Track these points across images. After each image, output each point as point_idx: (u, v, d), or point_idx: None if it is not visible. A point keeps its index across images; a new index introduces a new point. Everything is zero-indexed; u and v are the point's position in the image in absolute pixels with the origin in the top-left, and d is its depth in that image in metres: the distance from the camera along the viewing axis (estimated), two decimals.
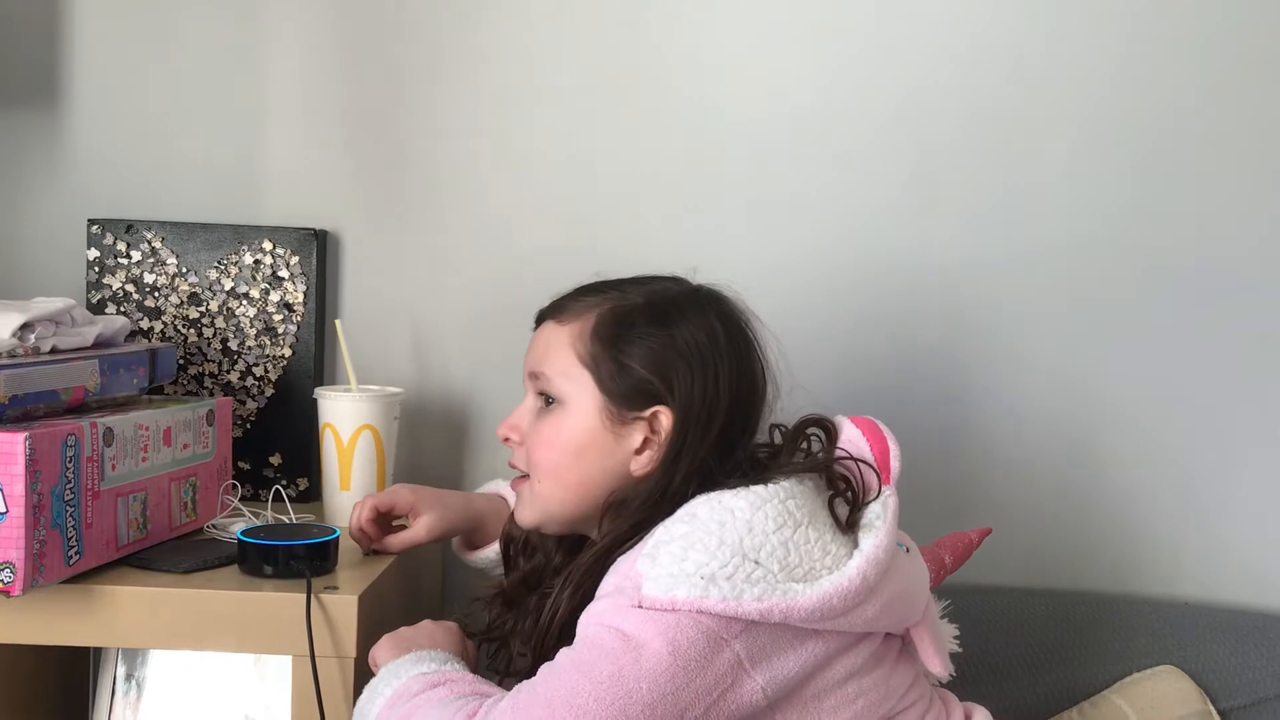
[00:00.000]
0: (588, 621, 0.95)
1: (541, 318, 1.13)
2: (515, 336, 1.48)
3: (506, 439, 1.13)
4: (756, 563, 0.92)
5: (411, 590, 1.32)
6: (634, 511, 1.03)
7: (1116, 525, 1.49)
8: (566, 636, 0.98)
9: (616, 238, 1.47)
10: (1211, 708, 1.34)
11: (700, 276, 1.14)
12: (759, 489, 0.97)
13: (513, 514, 1.16)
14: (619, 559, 0.99)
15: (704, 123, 1.47)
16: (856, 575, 0.93)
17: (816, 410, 1.10)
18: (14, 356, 1.10)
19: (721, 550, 0.92)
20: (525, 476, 1.11)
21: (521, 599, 1.14)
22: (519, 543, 1.17)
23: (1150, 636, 1.40)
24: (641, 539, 0.99)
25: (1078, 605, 1.43)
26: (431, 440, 1.51)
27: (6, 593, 1.01)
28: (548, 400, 1.09)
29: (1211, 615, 1.43)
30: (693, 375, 1.05)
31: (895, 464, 1.05)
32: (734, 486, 0.98)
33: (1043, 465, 1.49)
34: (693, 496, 1.00)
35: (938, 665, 1.04)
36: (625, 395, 1.05)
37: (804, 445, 1.08)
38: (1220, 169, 1.46)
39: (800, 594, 0.91)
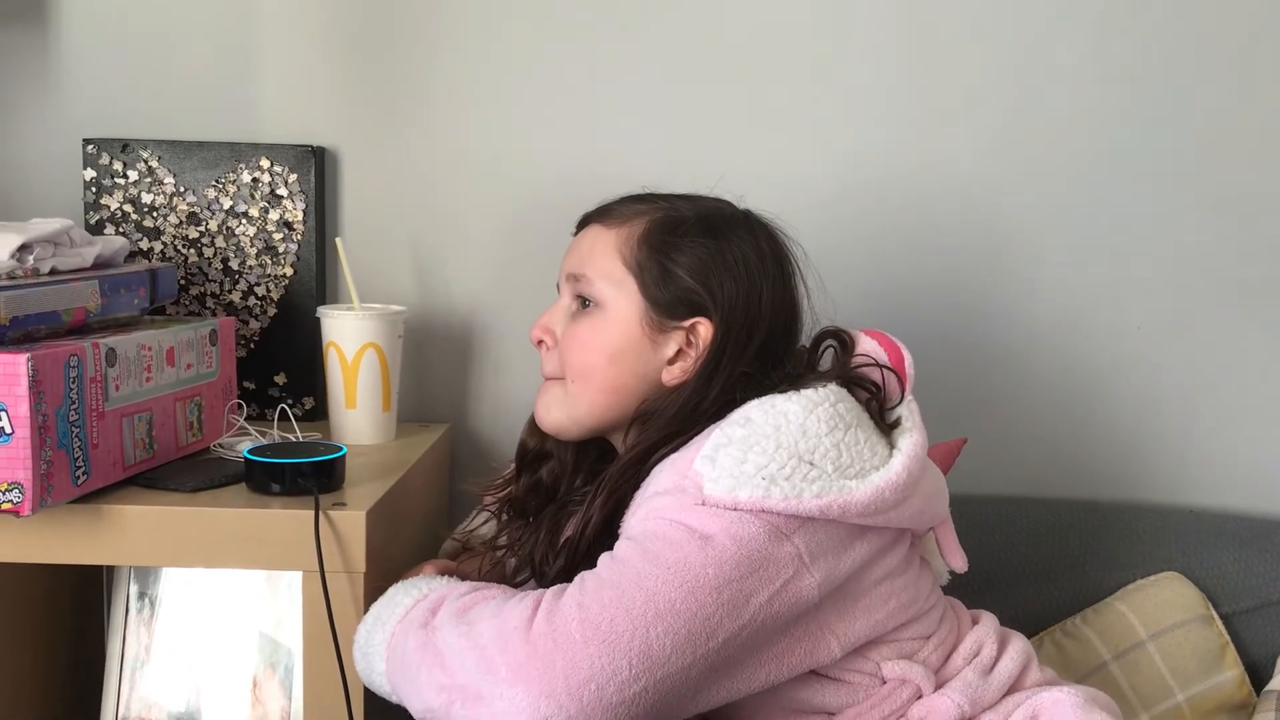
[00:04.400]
0: (647, 517, 0.95)
1: (586, 221, 1.13)
2: (517, 252, 1.48)
3: (540, 341, 1.12)
4: (811, 464, 0.94)
5: (418, 506, 1.32)
6: (664, 424, 1.04)
7: (1122, 433, 1.49)
8: (598, 546, 0.99)
9: (621, 154, 1.45)
10: (1214, 612, 1.36)
11: (710, 191, 1.14)
12: (809, 393, 0.98)
13: (531, 420, 1.16)
14: (662, 463, 1.00)
15: (713, 35, 1.44)
16: (902, 470, 0.97)
17: (832, 323, 1.11)
18: (13, 278, 1.09)
19: (779, 453, 0.94)
20: (549, 379, 1.11)
21: (530, 507, 1.15)
22: (533, 451, 1.17)
23: (1154, 544, 1.41)
24: (676, 445, 1.00)
25: (1083, 514, 1.44)
26: (435, 357, 1.50)
27: (16, 513, 1.01)
28: (585, 303, 1.09)
29: (1216, 522, 1.44)
30: (737, 290, 1.05)
31: (910, 370, 1.09)
32: (784, 390, 1.00)
33: (1050, 374, 1.48)
34: (723, 414, 1.01)
35: (959, 560, 1.10)
36: (668, 303, 1.06)
37: (820, 356, 1.10)
38: (1235, 75, 1.44)
39: (855, 490, 0.94)
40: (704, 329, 1.05)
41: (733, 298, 1.05)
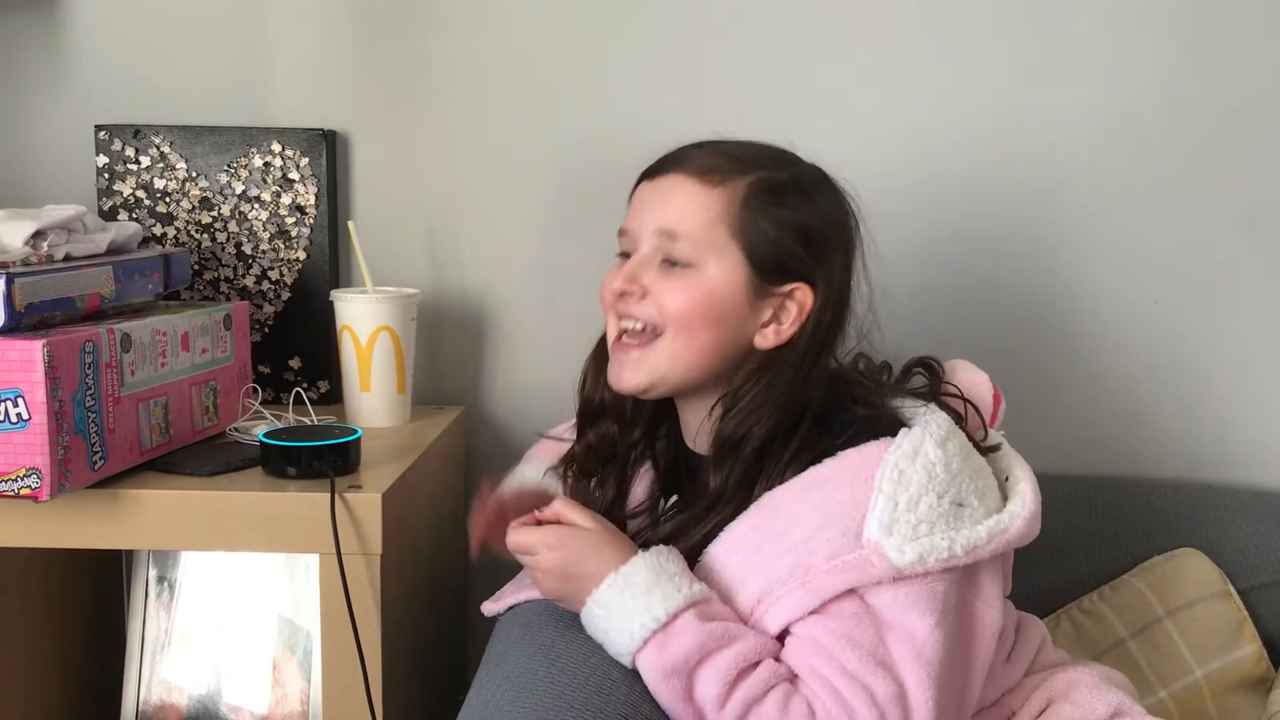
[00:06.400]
0: (827, 613, 0.94)
1: (666, 169, 1.06)
2: (529, 233, 1.48)
3: (624, 292, 1.04)
4: (960, 505, 0.96)
5: (434, 488, 1.33)
6: (750, 408, 1.01)
7: (1139, 409, 1.48)
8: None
9: (636, 136, 1.43)
10: (1230, 588, 1.35)
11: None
12: (933, 425, 0.99)
13: (592, 378, 1.13)
14: (782, 497, 0.98)
15: (732, 13, 1.43)
16: (1032, 497, 1.01)
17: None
18: (28, 265, 1.09)
19: (941, 503, 0.95)
20: (635, 340, 1.05)
21: (590, 466, 1.13)
22: (595, 407, 1.13)
23: (1171, 519, 1.40)
24: (770, 467, 1.00)
25: (1099, 490, 1.43)
26: (449, 339, 1.50)
27: (34, 498, 1.02)
28: (674, 263, 1.03)
29: (1232, 497, 1.43)
30: (834, 256, 1.04)
31: (1002, 406, 1.13)
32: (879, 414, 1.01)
33: (1065, 350, 1.48)
34: (808, 410, 1.01)
35: None
36: (772, 269, 1.02)
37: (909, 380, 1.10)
38: (1265, 50, 1.42)
39: (1009, 522, 0.98)
40: (802, 294, 1.03)
41: (830, 264, 1.04)
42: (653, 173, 1.07)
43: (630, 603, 0.94)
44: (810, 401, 1.01)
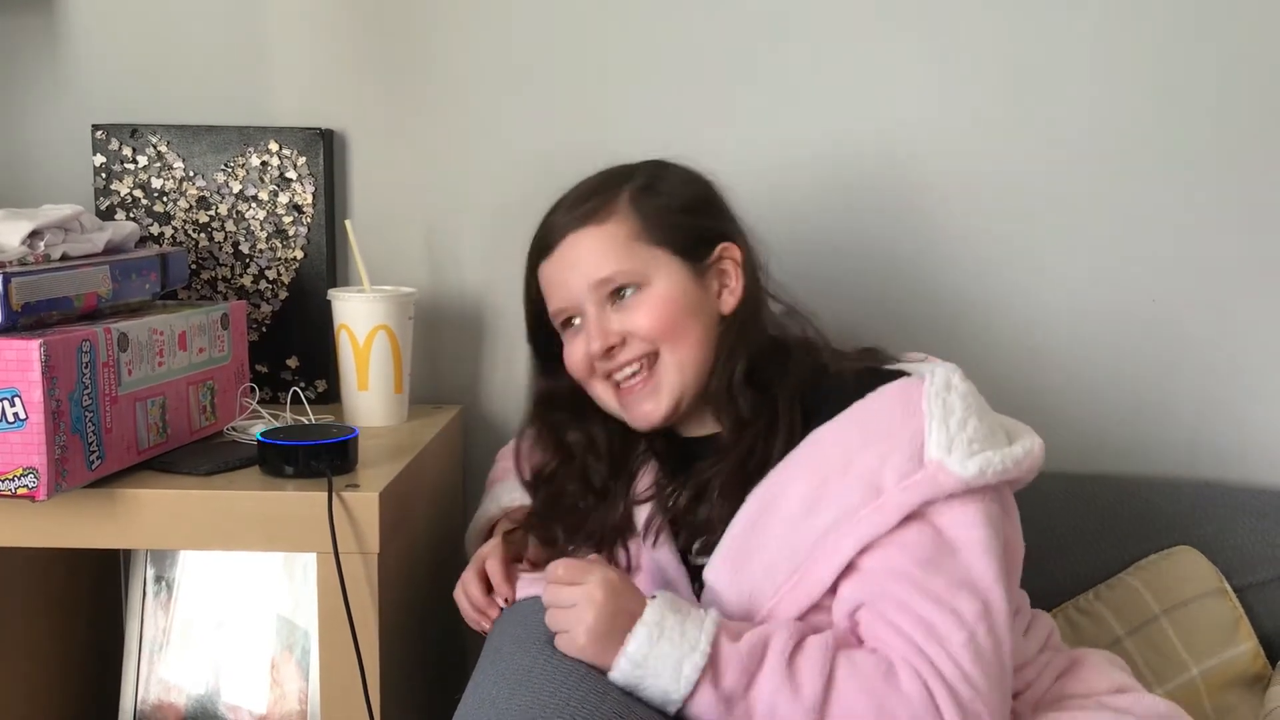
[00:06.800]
0: (893, 549, 0.98)
1: (553, 242, 1.13)
2: (527, 233, 1.46)
3: (609, 347, 1.10)
4: (991, 429, 1.04)
5: (431, 487, 1.33)
6: (723, 358, 1.10)
7: (1136, 406, 1.48)
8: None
9: (627, 132, 1.45)
10: (1227, 586, 1.35)
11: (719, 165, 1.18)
12: (948, 366, 1.07)
13: (520, 445, 1.20)
14: (830, 441, 1.03)
15: (722, 23, 1.43)
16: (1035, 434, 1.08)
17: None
18: (24, 264, 1.09)
19: (983, 423, 1.03)
20: (638, 379, 1.10)
21: (573, 501, 1.17)
22: (546, 472, 1.19)
23: (1169, 517, 1.40)
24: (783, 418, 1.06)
25: (1095, 488, 1.43)
26: (447, 339, 1.51)
27: (32, 498, 1.02)
28: (620, 294, 1.10)
29: (1231, 495, 1.43)
30: (724, 206, 1.15)
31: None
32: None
33: (1063, 347, 1.48)
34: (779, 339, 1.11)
35: None
36: (696, 247, 1.11)
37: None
38: (1249, 43, 1.42)
39: (1032, 446, 1.05)
40: (730, 251, 1.12)
41: (730, 216, 1.15)
42: (543, 253, 1.15)
43: (670, 649, 0.93)
44: (776, 327, 1.13)
